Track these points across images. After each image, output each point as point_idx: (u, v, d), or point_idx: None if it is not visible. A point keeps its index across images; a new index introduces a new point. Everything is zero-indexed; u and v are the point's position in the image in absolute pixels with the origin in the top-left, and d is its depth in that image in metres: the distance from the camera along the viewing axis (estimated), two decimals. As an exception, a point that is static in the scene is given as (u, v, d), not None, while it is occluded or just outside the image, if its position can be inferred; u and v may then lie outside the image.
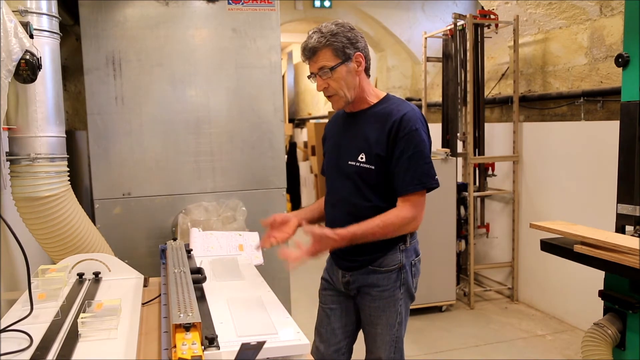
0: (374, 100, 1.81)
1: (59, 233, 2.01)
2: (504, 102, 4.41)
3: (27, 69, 1.69)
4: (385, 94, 1.85)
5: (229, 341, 1.17)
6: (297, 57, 11.77)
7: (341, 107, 1.80)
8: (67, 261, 1.80)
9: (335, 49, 1.69)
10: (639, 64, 2.19)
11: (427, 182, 1.73)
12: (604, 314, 2.12)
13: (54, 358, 1.18)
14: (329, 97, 1.78)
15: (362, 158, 1.75)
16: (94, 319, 1.33)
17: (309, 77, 1.79)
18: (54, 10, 2.02)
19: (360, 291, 1.88)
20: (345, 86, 1.73)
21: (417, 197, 1.72)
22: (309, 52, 1.73)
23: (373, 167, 1.74)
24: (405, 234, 1.81)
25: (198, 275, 1.59)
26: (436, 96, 5.39)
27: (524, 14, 4.22)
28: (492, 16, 4.23)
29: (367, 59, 1.77)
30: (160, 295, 1.66)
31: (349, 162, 1.78)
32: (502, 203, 4.46)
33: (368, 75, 1.82)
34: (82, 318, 1.31)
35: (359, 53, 1.73)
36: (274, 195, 2.86)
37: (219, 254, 2.09)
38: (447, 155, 3.97)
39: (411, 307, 4.29)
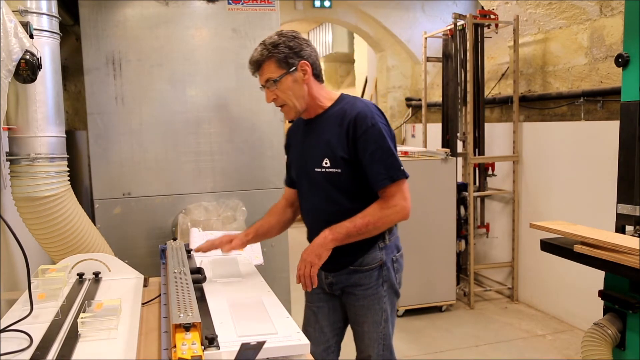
0: (328, 103, 1.81)
1: (59, 233, 2.01)
2: (504, 102, 4.41)
3: (27, 69, 1.69)
4: (339, 94, 1.84)
5: (229, 341, 1.17)
6: (297, 57, 11.76)
7: (292, 117, 1.81)
8: (67, 261, 1.80)
9: (278, 60, 1.70)
10: (639, 64, 2.18)
11: (395, 175, 1.73)
12: (604, 314, 2.12)
13: (54, 358, 1.18)
14: (280, 107, 1.79)
15: (326, 163, 1.75)
16: (94, 319, 1.33)
17: (260, 88, 1.79)
18: (54, 10, 2.02)
19: (344, 291, 1.89)
20: (293, 96, 1.73)
21: (390, 189, 1.73)
22: (254, 66, 1.75)
23: (339, 170, 1.74)
24: (384, 231, 1.84)
25: (198, 275, 1.59)
26: (436, 96, 5.39)
27: (524, 14, 4.22)
28: (492, 16, 4.23)
29: (314, 66, 1.75)
30: (160, 295, 1.66)
31: (316, 169, 1.78)
32: (502, 203, 4.46)
33: (321, 81, 1.81)
34: (82, 318, 1.31)
35: (303, 61, 1.72)
36: (274, 195, 2.86)
37: (219, 254, 2.09)
38: (447, 155, 3.98)
39: (411, 307, 4.30)
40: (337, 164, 1.73)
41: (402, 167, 1.75)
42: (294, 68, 1.71)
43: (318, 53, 1.81)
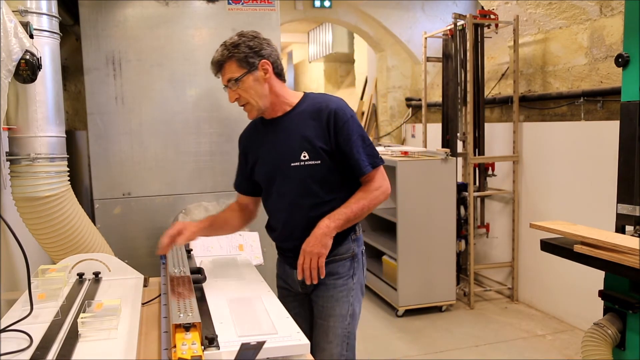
0: (294, 100, 1.84)
1: (59, 233, 2.01)
2: (504, 102, 4.41)
3: (27, 69, 1.69)
4: (302, 93, 1.88)
5: (229, 341, 1.17)
6: (297, 57, 11.79)
7: (255, 115, 1.83)
8: (67, 261, 1.80)
9: (239, 60, 1.72)
10: (639, 64, 2.18)
11: (375, 161, 1.81)
12: (604, 314, 2.12)
13: (54, 358, 1.18)
14: (243, 106, 1.81)
15: (305, 156, 1.77)
16: (94, 319, 1.33)
17: (224, 89, 1.81)
18: (54, 10, 2.02)
19: (317, 284, 1.87)
20: (255, 95, 1.76)
21: (371, 173, 1.80)
22: (216, 67, 1.77)
23: (319, 162, 1.77)
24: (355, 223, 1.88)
25: (198, 275, 1.59)
26: (436, 96, 5.39)
27: (524, 14, 4.22)
28: (492, 16, 4.23)
29: (275, 65, 1.78)
30: (160, 295, 1.66)
31: (292, 164, 1.78)
32: (502, 203, 4.46)
33: (283, 80, 1.83)
34: (82, 318, 1.31)
35: (264, 60, 1.75)
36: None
37: (219, 254, 2.09)
38: (447, 155, 3.98)
39: (411, 307, 4.31)
40: (317, 155, 1.76)
41: (379, 155, 1.85)
42: (254, 67, 1.74)
43: (279, 53, 1.84)
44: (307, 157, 1.77)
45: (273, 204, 1.90)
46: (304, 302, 1.95)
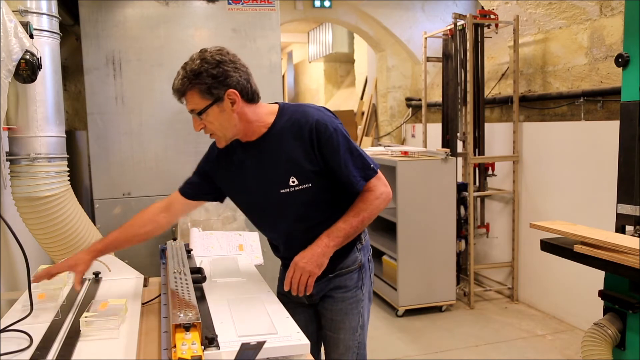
0: (270, 119, 1.65)
1: (59, 233, 2.01)
2: (504, 102, 4.41)
3: (27, 69, 1.69)
4: (277, 106, 1.69)
5: (229, 341, 1.17)
6: (297, 57, 11.78)
7: (223, 145, 1.65)
8: (67, 261, 1.80)
9: (201, 91, 1.52)
10: (639, 64, 2.18)
11: (368, 173, 1.65)
12: (604, 314, 2.12)
13: (54, 358, 1.18)
14: (210, 135, 1.65)
15: (294, 182, 1.62)
16: (98, 319, 1.33)
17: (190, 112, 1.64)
18: (54, 10, 2.02)
19: (324, 296, 1.82)
20: (220, 127, 1.58)
21: (370, 183, 1.65)
22: (177, 95, 1.57)
23: (310, 185, 1.62)
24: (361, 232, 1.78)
25: (198, 275, 1.59)
26: (436, 96, 5.39)
27: (524, 14, 4.22)
28: (492, 16, 4.23)
29: (244, 92, 1.56)
30: (160, 295, 1.66)
31: (282, 191, 1.63)
32: (502, 203, 4.46)
33: (256, 100, 1.62)
34: (85, 317, 1.31)
35: (230, 90, 1.53)
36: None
37: (219, 254, 2.09)
38: (447, 155, 3.98)
39: (411, 307, 4.30)
40: (307, 178, 1.62)
41: (372, 165, 1.67)
42: (220, 99, 1.53)
43: (250, 71, 1.63)
44: (297, 182, 1.62)
45: (267, 231, 1.81)
46: (305, 310, 1.89)
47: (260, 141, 1.66)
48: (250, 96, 1.59)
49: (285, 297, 1.93)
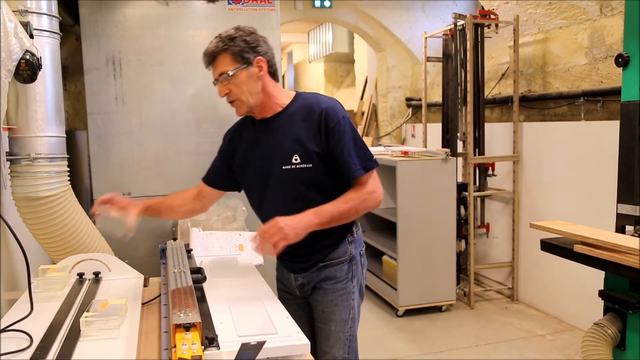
0: (286, 101, 1.77)
1: (59, 233, 2.01)
2: (504, 102, 4.41)
3: (27, 69, 1.69)
4: (294, 93, 1.81)
5: (229, 341, 1.17)
6: (297, 57, 11.78)
7: (244, 112, 1.76)
8: (67, 261, 1.80)
9: (234, 54, 1.66)
10: (639, 64, 2.18)
11: (368, 164, 1.70)
12: (604, 314, 2.12)
13: (54, 358, 1.18)
14: (231, 102, 1.74)
15: (296, 159, 1.70)
16: (98, 319, 1.33)
17: (214, 83, 1.75)
18: (54, 10, 2.02)
19: (314, 287, 1.86)
20: (246, 91, 1.69)
21: (364, 176, 1.70)
22: (209, 58, 1.70)
23: (310, 165, 1.70)
24: (352, 224, 1.83)
25: (198, 275, 1.59)
26: (436, 96, 5.39)
27: (524, 14, 4.22)
28: (492, 16, 4.23)
29: (270, 63, 1.72)
30: (160, 295, 1.66)
31: (284, 167, 1.71)
32: (502, 203, 4.46)
33: (276, 80, 1.77)
34: (85, 317, 1.31)
35: (259, 57, 1.68)
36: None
37: (219, 254, 2.09)
38: (447, 155, 3.98)
39: (411, 307, 4.30)
40: (309, 158, 1.69)
41: (373, 157, 1.74)
42: (249, 63, 1.67)
43: (274, 53, 1.78)
44: (299, 160, 1.70)
45: (265, 208, 1.82)
46: (304, 305, 1.92)
47: (273, 119, 1.77)
48: (273, 71, 1.74)
49: (285, 293, 1.95)
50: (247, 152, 1.84)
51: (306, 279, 1.86)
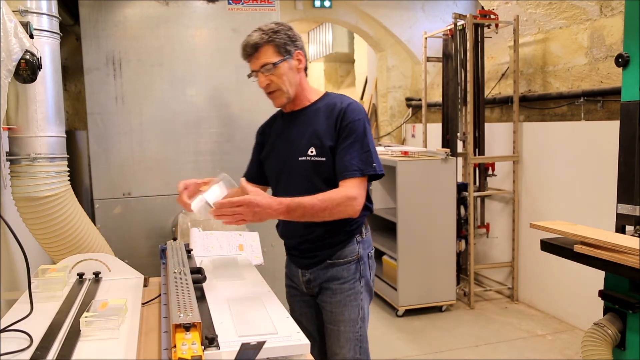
0: (315, 97, 1.85)
1: (59, 233, 2.01)
2: (504, 102, 4.41)
3: (27, 69, 1.69)
4: (324, 92, 1.89)
5: (229, 341, 1.17)
6: (297, 57, 11.76)
7: (283, 103, 1.81)
8: (67, 261, 1.80)
9: (277, 46, 1.73)
10: (639, 64, 2.18)
11: (365, 169, 1.70)
12: (604, 314, 2.12)
13: (54, 358, 1.18)
14: (270, 93, 1.79)
15: (312, 152, 1.76)
16: (98, 319, 1.32)
17: (249, 76, 1.80)
18: (54, 10, 2.02)
19: (321, 288, 1.87)
20: (287, 82, 1.76)
21: (355, 181, 1.69)
22: (251, 49, 1.74)
23: (324, 159, 1.75)
24: (361, 225, 1.84)
25: (198, 275, 1.59)
26: (436, 96, 5.39)
27: (524, 14, 4.22)
28: (492, 16, 4.23)
29: (305, 57, 1.82)
30: (160, 295, 1.66)
31: (300, 158, 1.78)
32: (502, 203, 4.46)
33: (306, 75, 1.86)
34: (85, 317, 1.31)
35: (299, 51, 1.78)
36: (274, 195, 2.86)
37: (219, 254, 2.09)
38: (447, 155, 3.98)
39: (411, 307, 4.30)
40: (324, 152, 1.74)
41: (374, 165, 1.72)
42: (290, 56, 1.76)
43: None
44: (314, 153, 1.76)
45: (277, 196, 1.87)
46: (310, 302, 1.94)
47: (299, 113, 1.85)
48: (306, 66, 1.84)
49: (291, 288, 1.96)
50: (272, 143, 1.92)
51: (313, 275, 1.87)
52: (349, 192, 1.67)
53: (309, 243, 1.82)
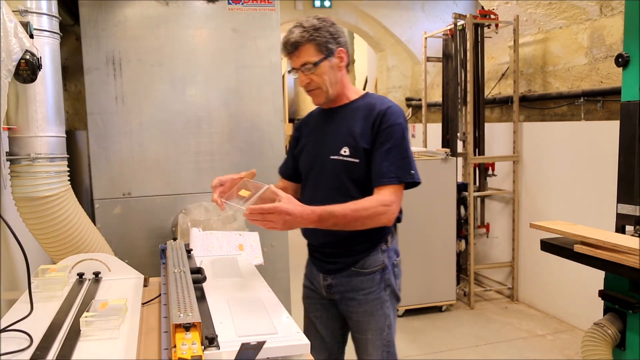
0: (354, 95, 1.80)
1: (59, 233, 2.01)
2: (504, 102, 4.41)
3: (27, 69, 1.69)
4: (365, 92, 1.83)
5: (229, 341, 1.17)
6: (297, 57, 11.76)
7: (322, 101, 1.77)
8: (67, 261, 1.80)
9: (318, 44, 1.67)
10: (639, 64, 2.18)
11: (403, 176, 1.65)
12: (604, 314, 2.12)
13: (54, 358, 1.18)
14: (310, 91, 1.75)
15: (345, 152, 1.70)
16: (98, 319, 1.32)
17: (289, 72, 1.75)
18: (54, 10, 2.02)
19: (344, 297, 1.83)
20: (327, 81, 1.71)
21: (392, 188, 1.64)
22: (291, 47, 1.69)
23: (357, 161, 1.68)
24: (387, 234, 1.78)
25: (198, 275, 1.59)
26: (436, 96, 5.39)
27: (524, 14, 4.22)
28: (492, 16, 4.23)
29: (348, 54, 1.76)
30: (160, 295, 1.65)
31: (331, 157, 1.72)
32: (502, 203, 4.46)
33: (347, 72, 1.80)
34: (85, 317, 1.31)
35: (341, 48, 1.72)
36: (274, 195, 2.85)
37: (219, 254, 2.09)
38: (447, 155, 3.98)
39: (411, 307, 4.30)
40: (357, 154, 1.68)
41: (412, 172, 1.67)
42: (332, 54, 1.69)
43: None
44: (347, 153, 1.69)
45: (307, 195, 1.82)
46: (328, 307, 1.90)
47: (337, 110, 1.79)
48: (348, 63, 1.77)
49: (309, 290, 1.94)
50: (307, 139, 1.87)
51: (335, 281, 1.83)
52: (384, 199, 1.62)
53: (332, 247, 1.75)
